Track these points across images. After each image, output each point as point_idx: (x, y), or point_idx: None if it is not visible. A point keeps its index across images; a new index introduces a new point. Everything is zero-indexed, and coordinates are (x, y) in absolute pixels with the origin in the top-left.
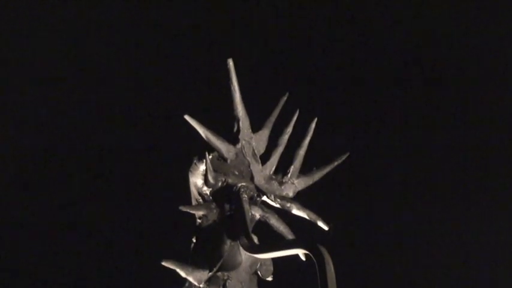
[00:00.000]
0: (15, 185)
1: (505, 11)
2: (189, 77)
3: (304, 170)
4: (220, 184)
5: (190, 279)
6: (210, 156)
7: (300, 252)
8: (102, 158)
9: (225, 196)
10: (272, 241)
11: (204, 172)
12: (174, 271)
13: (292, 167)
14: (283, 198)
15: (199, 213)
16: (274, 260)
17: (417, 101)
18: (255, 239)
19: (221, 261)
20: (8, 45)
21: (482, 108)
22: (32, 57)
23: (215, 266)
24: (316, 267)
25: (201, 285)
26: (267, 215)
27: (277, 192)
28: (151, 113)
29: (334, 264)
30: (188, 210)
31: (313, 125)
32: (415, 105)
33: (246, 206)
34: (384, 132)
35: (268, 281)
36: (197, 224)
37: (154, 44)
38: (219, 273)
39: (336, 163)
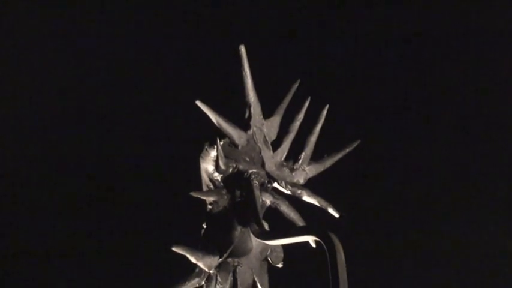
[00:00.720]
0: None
1: None
2: (200, 63)
3: (315, 157)
4: (231, 170)
5: (201, 264)
6: (221, 142)
7: (311, 239)
8: (113, 143)
9: (236, 182)
10: (283, 228)
11: (215, 158)
12: (185, 257)
13: (303, 153)
14: (294, 184)
15: (210, 199)
16: (284, 246)
17: (432, 87)
18: (266, 226)
19: (231, 247)
20: (8, 46)
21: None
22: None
23: (225, 252)
24: (327, 254)
25: (211, 271)
26: (277, 201)
27: (288, 179)
28: (163, 99)
29: (344, 251)
30: (199, 196)
31: (324, 112)
32: (430, 92)
33: (257, 192)
34: (397, 119)
35: (278, 267)
36: (208, 210)
37: (165, 29)
38: (230, 259)
39: (347, 150)
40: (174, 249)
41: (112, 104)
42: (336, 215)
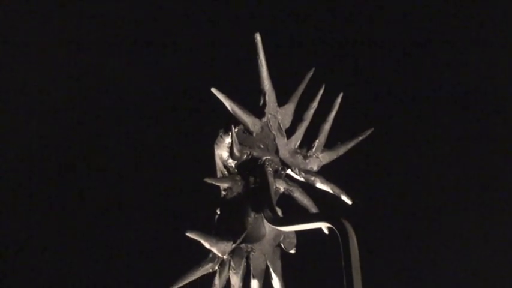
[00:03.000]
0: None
1: None
2: (216, 51)
3: (328, 145)
4: (245, 157)
5: (214, 250)
6: (236, 129)
7: (323, 226)
8: (129, 130)
9: (250, 169)
10: (296, 214)
11: (230, 145)
12: (199, 242)
13: (317, 141)
14: (308, 171)
15: (224, 185)
16: (297, 233)
17: (446, 75)
18: (279, 212)
19: (245, 233)
20: (11, 48)
21: None
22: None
23: (239, 238)
24: (340, 241)
25: (224, 257)
26: (291, 188)
27: (301, 166)
28: (179, 87)
29: (356, 238)
30: (213, 182)
31: (338, 100)
32: (443, 80)
33: (271, 179)
34: (410, 108)
35: (291, 253)
36: (222, 196)
37: (180, 15)
38: (243, 245)
39: (360, 138)
40: (188, 234)
41: (131, 88)
42: (349, 202)
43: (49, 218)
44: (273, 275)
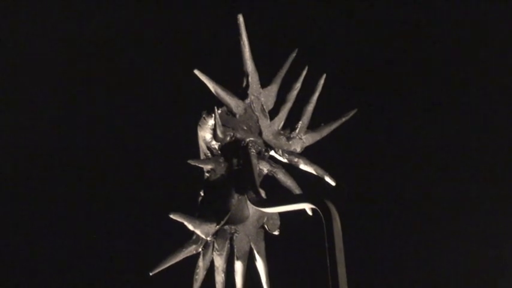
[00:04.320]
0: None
1: None
2: (198, 33)
3: (312, 126)
4: (228, 139)
5: (198, 232)
6: (219, 111)
7: (307, 207)
8: (112, 112)
9: (233, 150)
10: (279, 196)
11: (213, 126)
12: (182, 224)
13: (300, 122)
14: (291, 153)
15: (207, 167)
16: (281, 214)
17: (431, 57)
18: (263, 193)
19: (229, 214)
20: (12, 46)
21: None
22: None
23: (222, 220)
24: (323, 222)
25: (208, 238)
26: (274, 169)
27: (285, 147)
28: (161, 68)
29: (340, 219)
30: (196, 164)
31: (321, 81)
32: (428, 62)
33: (254, 160)
34: (394, 88)
35: (274, 235)
36: (205, 177)
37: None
38: (226, 227)
39: (343, 119)
40: (171, 216)
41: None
42: (333, 183)
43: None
44: (257, 256)
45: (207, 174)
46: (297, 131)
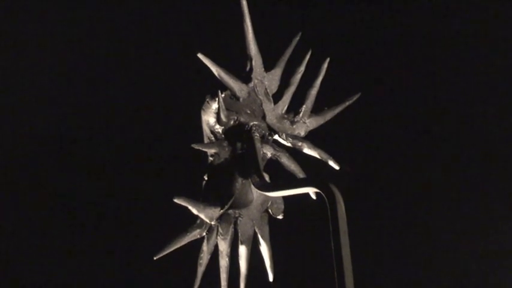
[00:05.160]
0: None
1: None
2: (202, 15)
3: (316, 110)
4: (232, 122)
5: (202, 216)
6: (223, 95)
7: (311, 191)
8: (116, 96)
9: (237, 134)
10: (283, 180)
11: (217, 110)
12: (186, 208)
13: (304, 106)
14: (295, 137)
15: (211, 151)
16: (285, 198)
17: (435, 38)
18: (267, 177)
19: (232, 199)
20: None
21: None
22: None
23: (226, 204)
24: (327, 206)
25: (212, 223)
26: (278, 153)
27: (288, 131)
28: (166, 52)
29: (345, 203)
30: (200, 148)
31: (325, 65)
32: (428, 50)
33: (258, 144)
34: (397, 73)
35: (279, 219)
36: (209, 161)
37: None
38: (231, 211)
39: (347, 103)
40: (175, 200)
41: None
42: (337, 167)
43: None
44: (261, 240)
45: (211, 158)
46: (301, 114)
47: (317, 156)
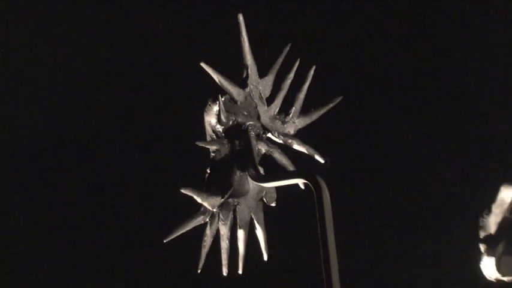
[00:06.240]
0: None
1: None
2: (203, 32)
3: (303, 111)
4: (231, 123)
5: (205, 204)
6: (223, 99)
7: (300, 182)
8: (124, 99)
9: (235, 133)
10: (276, 172)
11: (217, 112)
12: (191, 197)
13: (294, 108)
14: (286, 135)
15: (213, 147)
16: (277, 188)
17: (419, 52)
18: (261, 170)
19: (232, 189)
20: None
21: None
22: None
23: (227, 193)
24: (314, 195)
25: (214, 210)
26: (271, 149)
27: (280, 130)
28: (173, 63)
29: (330, 193)
30: (203, 145)
31: (311, 72)
32: (413, 56)
33: (254, 141)
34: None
35: (272, 206)
36: (211, 157)
37: None
38: (230, 200)
39: (331, 105)
40: (182, 191)
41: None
42: (322, 161)
43: None
44: (257, 225)
45: (212, 154)
46: (291, 115)
47: (305, 151)
